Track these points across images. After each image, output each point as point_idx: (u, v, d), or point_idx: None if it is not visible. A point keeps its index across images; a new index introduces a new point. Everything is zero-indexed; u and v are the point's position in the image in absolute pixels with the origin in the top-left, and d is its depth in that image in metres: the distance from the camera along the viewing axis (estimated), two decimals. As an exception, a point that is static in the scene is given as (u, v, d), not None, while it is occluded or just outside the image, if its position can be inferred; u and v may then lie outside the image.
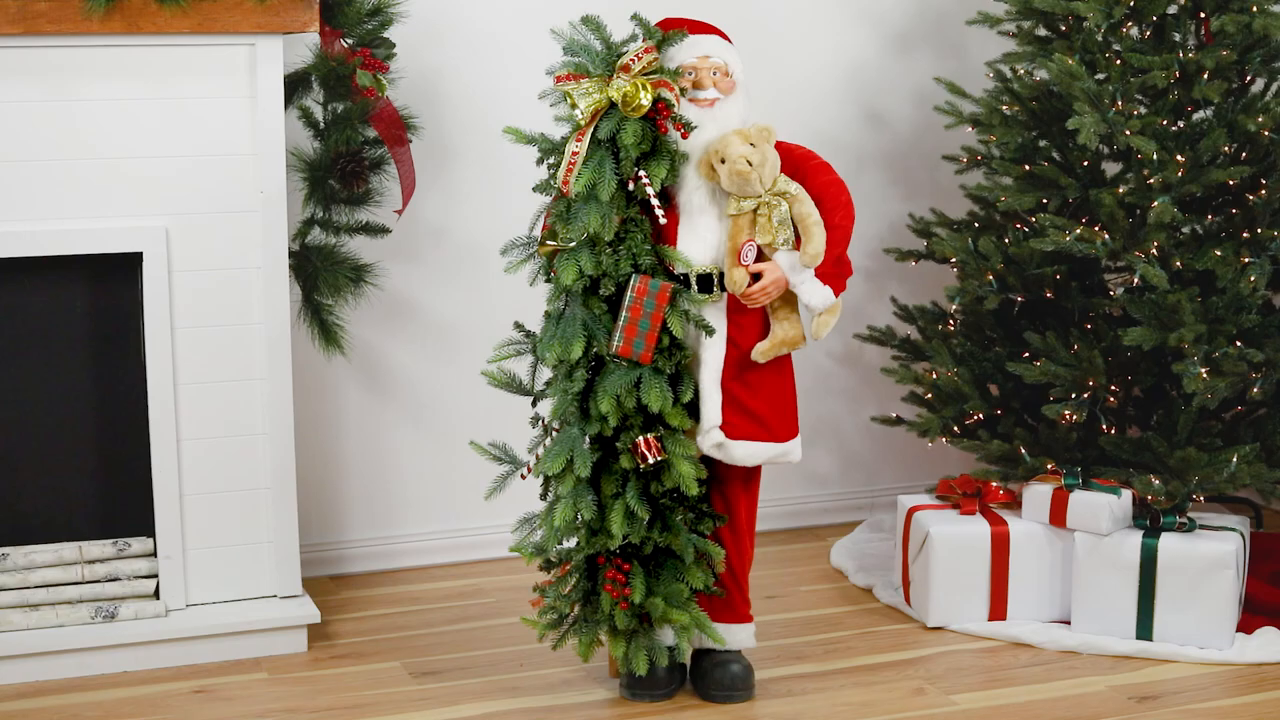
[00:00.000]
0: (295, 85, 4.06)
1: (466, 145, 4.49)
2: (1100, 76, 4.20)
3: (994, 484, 4.25)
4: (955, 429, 4.41)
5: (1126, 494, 4.05)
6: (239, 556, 4.00)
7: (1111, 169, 4.45)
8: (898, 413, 4.79)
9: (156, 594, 3.94)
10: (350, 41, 4.02)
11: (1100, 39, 4.20)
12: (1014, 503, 4.24)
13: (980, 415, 4.37)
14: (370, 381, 4.54)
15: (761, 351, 3.53)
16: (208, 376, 3.91)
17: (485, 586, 4.49)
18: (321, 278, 4.10)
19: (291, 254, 4.08)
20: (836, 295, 3.51)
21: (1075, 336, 4.25)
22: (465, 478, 4.49)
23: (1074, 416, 4.13)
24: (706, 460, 3.60)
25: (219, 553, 3.99)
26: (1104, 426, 4.24)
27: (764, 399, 3.57)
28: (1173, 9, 4.26)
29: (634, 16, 3.51)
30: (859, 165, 4.93)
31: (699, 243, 3.50)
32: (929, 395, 4.46)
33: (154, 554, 3.95)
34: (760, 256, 3.47)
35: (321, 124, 4.06)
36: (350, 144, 4.01)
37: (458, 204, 4.53)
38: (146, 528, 3.96)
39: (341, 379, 4.49)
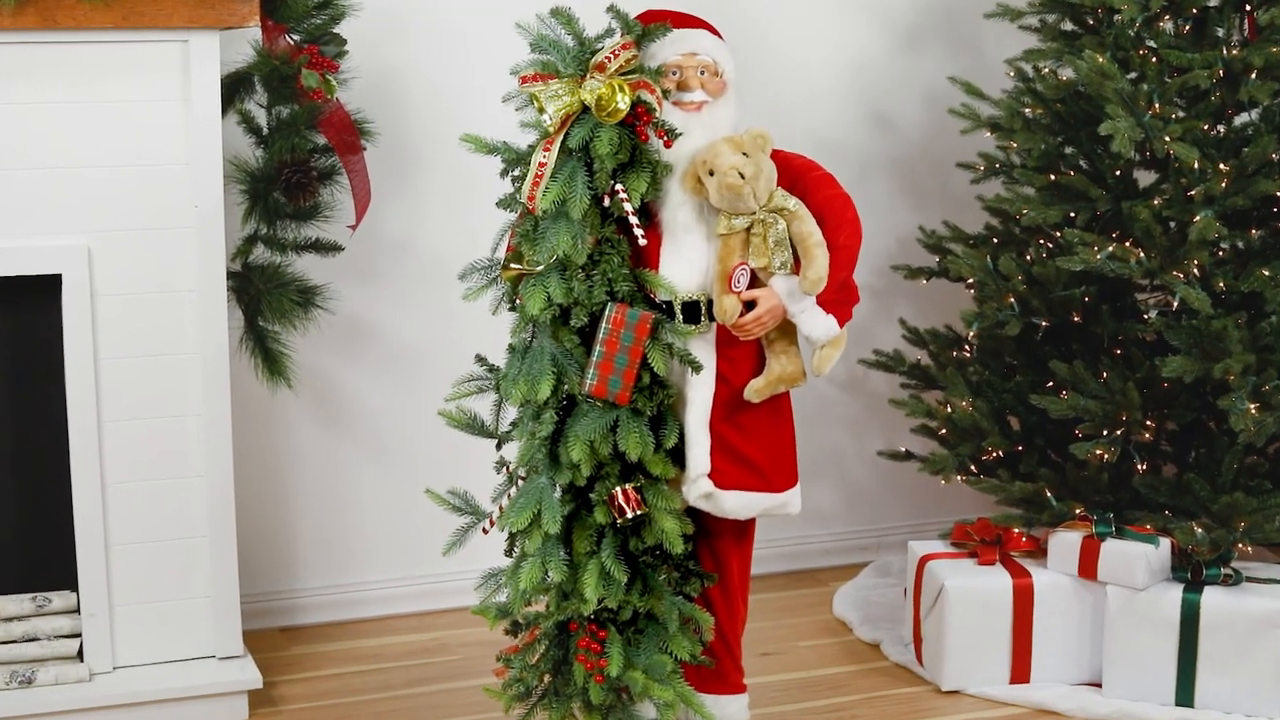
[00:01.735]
0: (235, 87, 3.88)
1: (430, 152, 4.31)
2: (1131, 76, 4.02)
3: (1016, 530, 4.05)
4: (972, 467, 4.21)
5: (1165, 543, 3.87)
6: (172, 613, 3.81)
7: (1145, 178, 4.27)
8: (907, 446, 4.60)
9: (80, 655, 3.76)
10: (296, 38, 3.83)
11: (1133, 34, 4.00)
12: (1038, 551, 4.03)
13: (1000, 452, 4.15)
14: (324, 414, 4.36)
15: (756, 390, 3.27)
16: (136, 412, 3.74)
17: (450, 641, 4.26)
18: (265, 301, 3.93)
19: (232, 275, 3.92)
20: (841, 326, 3.26)
21: (1105, 365, 4.04)
22: (429, 519, 4.18)
23: (1105, 456, 3.91)
24: (694, 512, 3.34)
25: (150, 609, 3.79)
26: (1138, 465, 4.01)
27: (758, 443, 3.32)
28: (1214, 1, 4.06)
29: (610, 8, 3.26)
30: (864, 173, 4.77)
31: (684, 266, 3.25)
32: (943, 430, 4.23)
33: (77, 611, 3.78)
34: (754, 282, 3.23)
35: (265, 130, 3.88)
36: (296, 152, 3.82)
37: (421, 217, 4.36)
38: (68, 581, 3.79)
39: (292, 412, 4.32)
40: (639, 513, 3.20)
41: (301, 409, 4.31)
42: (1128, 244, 3.93)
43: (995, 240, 4.29)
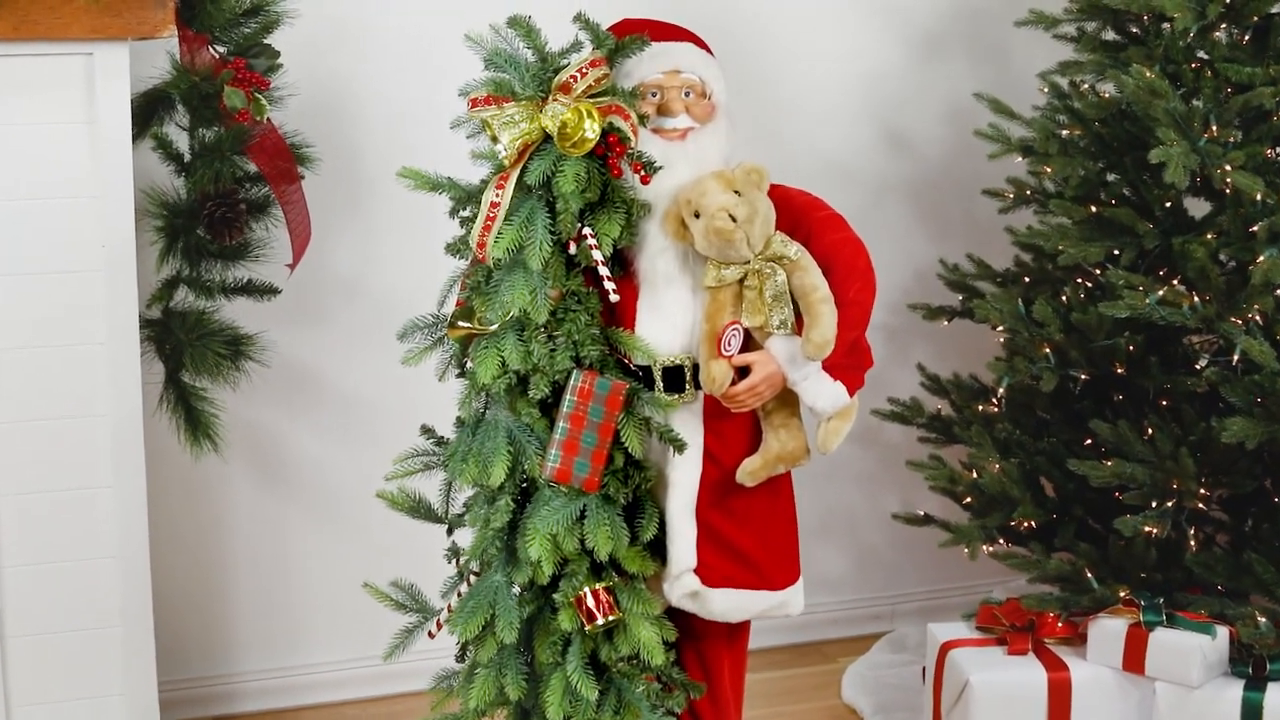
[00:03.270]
0: (152, 107, 3.55)
1: (383, 178, 3.98)
2: (1182, 92, 3.66)
3: (1051, 614, 3.73)
4: (1001, 540, 3.83)
5: (1222, 633, 3.60)
6: (81, 714, 3.54)
7: (1197, 207, 3.89)
8: (925, 508, 4.22)
9: (-27, 764, 3.49)
10: (222, 50, 3.48)
11: (1184, 45, 3.65)
12: (1077, 640, 3.76)
13: (1032, 523, 3.77)
14: (264, 476, 4.08)
15: (751, 471, 2.99)
16: (37, 485, 3.46)
17: (409, 731, 3.99)
18: (188, 352, 3.60)
19: (150, 323, 3.61)
20: (851, 394, 3.01)
21: (1153, 423, 3.65)
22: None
23: (1155, 532, 3.53)
24: (679, 611, 3.01)
25: (55, 710, 3.54)
26: (1190, 540, 3.63)
27: (753, 533, 3.04)
28: (1278, 8, 3.69)
29: (578, 17, 2.92)
30: (878, 198, 4.51)
31: (665, 325, 2.98)
32: (968, 498, 3.88)
33: (-31, 712, 3.51)
34: (748, 343, 2.97)
35: (186, 156, 3.53)
36: (221, 181, 3.48)
37: (372, 253, 4.10)
38: (-41, 679, 3.53)
39: (228, 475, 4.06)
40: (611, 618, 2.86)
41: (238, 471, 4.05)
42: (1177, 284, 3.59)
43: (1027, 279, 3.95)
